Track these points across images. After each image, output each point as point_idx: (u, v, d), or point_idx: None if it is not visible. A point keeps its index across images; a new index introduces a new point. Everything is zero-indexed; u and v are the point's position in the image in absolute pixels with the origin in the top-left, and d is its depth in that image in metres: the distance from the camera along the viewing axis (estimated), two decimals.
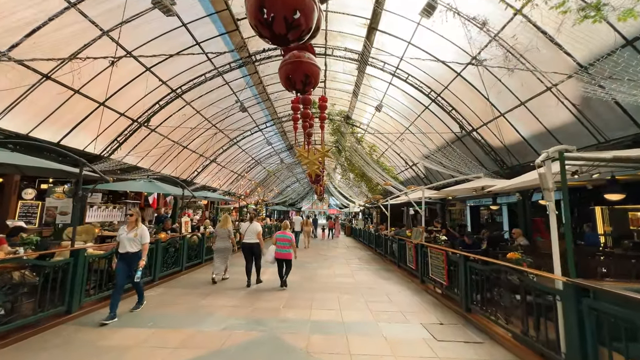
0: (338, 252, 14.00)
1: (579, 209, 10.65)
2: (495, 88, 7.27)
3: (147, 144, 10.62)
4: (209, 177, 16.79)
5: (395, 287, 7.14)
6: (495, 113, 7.99)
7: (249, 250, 6.78)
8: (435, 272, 6.41)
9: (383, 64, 9.33)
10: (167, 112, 10.09)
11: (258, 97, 12.68)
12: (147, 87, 8.56)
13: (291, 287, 6.82)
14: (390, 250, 10.86)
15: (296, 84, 3.51)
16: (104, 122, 8.50)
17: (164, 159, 12.18)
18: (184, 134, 11.79)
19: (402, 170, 16.69)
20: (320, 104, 9.62)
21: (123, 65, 7.62)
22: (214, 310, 5.08)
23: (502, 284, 4.25)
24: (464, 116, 9.07)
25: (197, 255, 9.00)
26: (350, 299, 6.02)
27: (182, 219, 8.32)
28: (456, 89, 8.68)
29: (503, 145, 8.47)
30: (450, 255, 5.91)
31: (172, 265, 7.59)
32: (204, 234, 9.45)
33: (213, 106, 11.61)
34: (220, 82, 10.34)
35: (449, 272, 5.89)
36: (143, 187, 8.37)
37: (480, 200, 16.43)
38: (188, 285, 6.90)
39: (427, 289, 6.88)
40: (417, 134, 11.48)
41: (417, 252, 7.76)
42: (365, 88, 11.93)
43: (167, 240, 7.28)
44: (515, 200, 12.34)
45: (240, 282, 7.10)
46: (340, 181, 27.77)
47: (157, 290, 6.30)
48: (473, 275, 4.96)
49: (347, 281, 7.73)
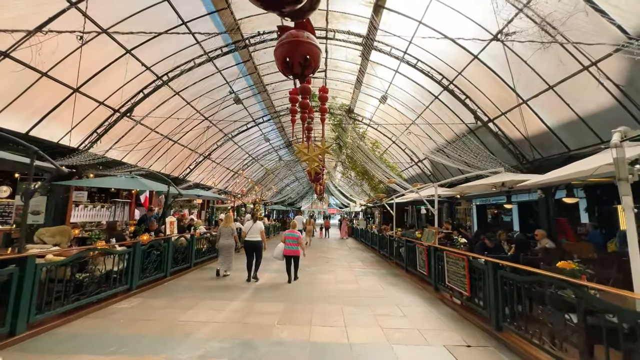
0: (339, 253, 13.16)
1: (600, 208, 9.84)
2: (518, 72, 6.42)
3: (133, 137, 9.77)
4: (203, 174, 15.94)
5: (406, 296, 6.30)
6: (516, 101, 7.15)
7: (252, 247, 7.10)
8: (454, 279, 5.57)
9: (390, 48, 8.48)
10: (154, 102, 9.23)
11: (254, 88, 11.82)
12: (129, 73, 7.70)
13: (288, 296, 5.99)
14: (397, 252, 10.03)
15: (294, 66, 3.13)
16: (81, 111, 7.65)
17: (152, 155, 11.33)
18: (173, 127, 10.93)
19: (406, 167, 15.85)
20: (321, 95, 8.81)
21: (99, 47, 6.78)
22: (193, 330, 4.24)
23: (548, 300, 3.41)
24: (479, 106, 8.22)
25: (185, 259, 8.15)
26: (356, 312, 5.17)
27: (167, 219, 7.47)
28: (471, 75, 7.83)
29: (524, 137, 7.63)
30: (473, 261, 5.08)
31: (155, 271, 6.74)
32: (194, 236, 8.61)
33: (205, 97, 10.75)
34: (212, 69, 9.48)
35: (471, 281, 5.05)
36: (124, 184, 7.52)
37: (488, 199, 15.63)
38: (171, 293, 6.05)
39: (442, 298, 6.04)
40: (426, 125, 10.64)
41: (429, 256, 6.93)
42: (369, 78, 11.09)
43: (149, 243, 6.44)
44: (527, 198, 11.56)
45: (234, 288, 6.28)
46: (341, 180, 26.97)
47: (132, 302, 5.45)
48: (506, 286, 4.13)
49: (351, 288, 6.89)
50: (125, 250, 5.74)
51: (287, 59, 3.33)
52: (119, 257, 5.53)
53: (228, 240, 7.42)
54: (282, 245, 7.04)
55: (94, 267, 5.03)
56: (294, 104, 8.84)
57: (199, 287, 6.67)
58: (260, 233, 7.13)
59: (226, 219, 7.72)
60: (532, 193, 8.41)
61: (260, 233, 7.13)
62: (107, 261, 5.33)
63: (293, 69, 3.30)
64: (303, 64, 3.26)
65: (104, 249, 5.33)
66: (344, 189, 26.85)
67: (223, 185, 18.70)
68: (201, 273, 8.12)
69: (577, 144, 6.63)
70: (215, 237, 10.46)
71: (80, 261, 4.77)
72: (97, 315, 4.71)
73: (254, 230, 7.14)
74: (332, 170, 25.57)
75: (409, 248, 8.50)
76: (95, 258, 5.12)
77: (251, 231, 7.13)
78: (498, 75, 7.06)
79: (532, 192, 8.33)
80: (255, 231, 7.13)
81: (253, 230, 7.14)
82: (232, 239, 7.47)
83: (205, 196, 12.65)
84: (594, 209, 10.18)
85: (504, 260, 4.54)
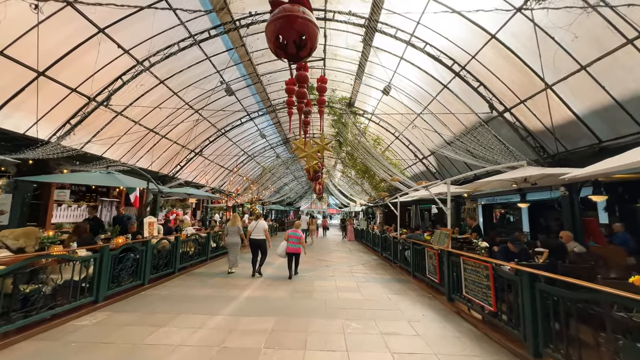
0: (339, 256, 12.33)
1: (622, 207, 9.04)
2: (543, 52, 5.60)
3: (114, 130, 8.94)
4: (195, 172, 15.12)
5: (416, 308, 5.49)
6: (539, 86, 6.34)
7: (256, 245, 7.58)
8: (473, 290, 4.76)
9: (395, 30, 7.66)
10: (136, 92, 8.41)
11: (247, 78, 11.00)
12: (104, 56, 6.89)
13: (282, 308, 5.17)
14: (402, 256, 9.22)
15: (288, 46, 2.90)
16: (50, 98, 6.84)
17: (137, 150, 10.50)
18: (160, 120, 10.10)
19: (409, 165, 15.04)
20: (319, 85, 8.04)
21: (65, 22, 5.95)
22: (157, 357, 3.42)
23: (611, 323, 2.60)
24: (495, 93, 7.41)
25: (168, 264, 7.33)
26: (360, 330, 4.36)
27: (145, 220, 6.64)
28: (487, 59, 7.02)
29: (546, 128, 6.83)
30: (500, 270, 4.26)
31: (129, 279, 5.92)
32: (178, 238, 7.78)
33: (194, 88, 9.93)
34: (200, 55, 8.66)
35: (496, 294, 4.24)
36: (98, 180, 6.70)
37: (495, 198, 14.82)
38: (145, 305, 5.22)
39: (458, 310, 5.24)
40: (433, 119, 9.83)
41: (441, 261, 6.12)
42: (371, 67, 10.28)
43: (121, 247, 5.61)
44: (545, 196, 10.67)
45: (219, 299, 5.46)
46: (341, 179, 26.16)
47: (96, 317, 4.62)
48: (548, 301, 3.32)
49: (353, 298, 6.07)
50: (90, 256, 4.91)
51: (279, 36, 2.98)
52: (81, 265, 4.71)
53: (234, 238, 7.89)
54: (284, 244, 7.45)
55: (47, 277, 4.21)
56: (290, 95, 8.08)
57: (180, 297, 5.86)
58: (264, 232, 7.59)
59: (233, 219, 8.17)
60: (553, 191, 7.61)
61: (264, 232, 7.59)
62: (65, 269, 4.52)
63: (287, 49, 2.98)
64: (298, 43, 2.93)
65: (61, 255, 4.51)
66: (344, 188, 26.07)
67: (217, 184, 17.88)
68: (186, 279, 7.30)
69: (610, 134, 5.82)
70: (204, 238, 9.73)
71: (26, 270, 3.95)
72: (47, 337, 3.89)
73: (259, 229, 7.58)
74: (331, 169, 24.78)
75: (416, 251, 7.70)
76: (49, 266, 4.30)
77: (256, 230, 7.57)
78: (519, 57, 6.25)
79: (553, 189, 7.52)
80: (260, 230, 7.57)
81: (257, 229, 7.57)
82: (238, 237, 7.91)
83: (196, 195, 11.82)
84: (614, 208, 9.38)
85: (538, 269, 3.72)
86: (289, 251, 7.40)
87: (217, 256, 10.57)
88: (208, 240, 9.81)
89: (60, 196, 10.27)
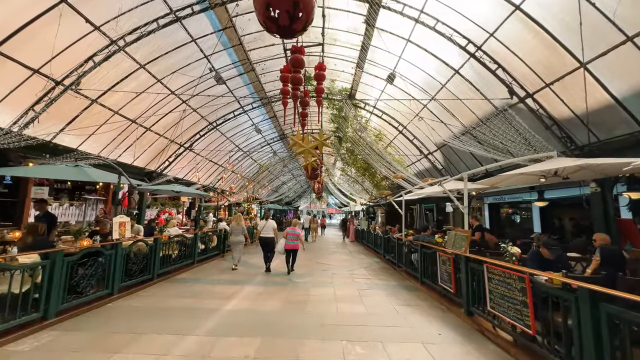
0: (339, 259, 11.47)
1: None
2: (577, 21, 4.75)
3: (91, 120, 8.07)
4: (187, 169, 14.24)
5: (430, 324, 4.63)
6: (569, 65, 5.49)
7: (265, 243, 8.03)
8: (502, 305, 3.91)
9: (403, 6, 6.79)
10: (112, 76, 7.54)
11: (239, 65, 10.12)
12: (70, 32, 6.03)
13: (270, 324, 4.30)
14: (407, 259, 8.37)
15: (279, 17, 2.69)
16: (7, 81, 5.97)
17: (119, 143, 9.62)
18: (144, 110, 9.21)
19: (413, 162, 14.18)
20: (317, 72, 7.23)
21: None
22: None
23: None
24: (515, 77, 6.54)
25: (145, 270, 6.46)
26: (366, 357, 3.50)
27: (114, 219, 5.76)
28: (507, 37, 6.16)
29: (574, 115, 5.97)
30: (540, 284, 3.40)
31: (94, 288, 5.06)
32: (158, 239, 6.92)
33: (180, 75, 9.05)
34: (184, 36, 7.78)
35: (536, 313, 3.38)
36: (62, 174, 5.83)
37: (503, 197, 13.95)
38: (106, 322, 4.35)
39: (481, 328, 4.38)
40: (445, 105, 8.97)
41: (457, 268, 5.26)
42: (375, 53, 9.41)
43: (80, 252, 4.74)
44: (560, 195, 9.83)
45: (200, 312, 4.59)
46: (340, 177, 25.29)
47: (41, 338, 3.75)
48: (618, 329, 2.46)
49: (355, 311, 5.21)
50: (35, 263, 4.04)
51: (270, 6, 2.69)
52: (23, 274, 3.84)
53: (238, 237, 8.31)
54: (283, 241, 7.86)
55: None
56: (285, 84, 7.26)
57: (153, 309, 5.00)
58: (273, 230, 8.04)
59: (237, 219, 8.52)
60: (582, 187, 6.76)
61: (273, 230, 8.04)
62: (1, 280, 3.66)
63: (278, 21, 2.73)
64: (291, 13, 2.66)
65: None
66: (344, 187, 25.21)
67: (212, 182, 17.00)
68: (166, 287, 6.44)
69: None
70: (190, 240, 8.87)
71: None
72: None
73: (268, 228, 8.03)
74: (331, 167, 23.92)
75: (425, 255, 6.84)
76: None
77: (265, 229, 8.01)
78: (547, 31, 5.38)
79: (582, 185, 6.67)
80: (269, 229, 8.01)
81: (267, 228, 8.02)
82: (242, 236, 8.32)
83: (185, 193, 10.93)
84: None
85: (595, 283, 2.85)
86: (288, 248, 7.80)
87: (206, 259, 9.70)
88: (195, 242, 8.94)
89: (38, 193, 9.41)
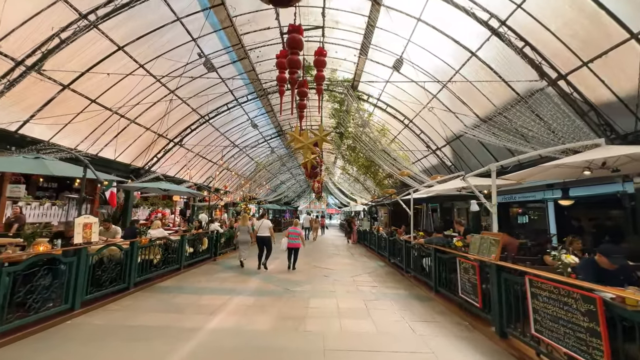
0: (341, 262, 10.60)
1: None
2: None
3: (64, 109, 7.21)
4: (178, 166, 13.38)
5: (457, 349, 3.76)
6: (615, 38, 4.64)
7: (262, 241, 8.37)
8: (554, 330, 3.04)
9: None
10: (86, 59, 6.69)
11: (231, 52, 9.25)
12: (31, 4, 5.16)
13: (257, 350, 3.42)
14: (417, 264, 7.51)
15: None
16: None
17: (98, 136, 8.75)
18: (127, 99, 8.34)
19: (418, 158, 13.34)
20: (317, 58, 6.42)
21: None
22: None
23: None
24: (545, 56, 5.69)
25: (118, 278, 5.58)
26: None
27: (76, 220, 4.89)
28: (537, 8, 5.31)
29: (618, 99, 5.12)
30: (611, 305, 2.55)
31: (46, 303, 4.18)
32: (135, 243, 6.04)
33: (165, 60, 8.19)
34: (167, 14, 6.91)
35: (611, 344, 2.52)
36: (18, 167, 4.97)
37: (513, 196, 13.09)
38: (55, 347, 3.48)
39: (521, 355, 3.52)
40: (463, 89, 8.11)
41: (484, 277, 4.41)
42: (380, 37, 8.57)
43: (27, 261, 3.87)
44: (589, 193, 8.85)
45: (172, 331, 3.72)
46: (341, 176, 24.45)
47: None
48: None
49: (363, 330, 4.34)
50: None
51: None
52: None
53: (245, 236, 8.81)
54: (285, 240, 8.39)
55: None
56: (282, 71, 6.45)
57: (117, 330, 4.12)
58: (269, 230, 8.37)
59: (243, 218, 9.25)
60: (615, 184, 5.91)
61: (269, 230, 8.37)
62: None
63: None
64: None
65: None
66: (344, 187, 24.36)
67: (204, 180, 16.12)
68: (142, 298, 5.57)
69: None
70: (176, 243, 8.02)
71: None
72: None
73: (264, 227, 8.41)
74: (331, 165, 23.07)
75: (441, 261, 5.98)
76: None
77: (261, 228, 8.40)
78: None
79: (616, 182, 5.83)
80: (265, 228, 8.38)
81: (263, 227, 8.41)
82: (248, 235, 8.81)
83: (173, 191, 10.08)
84: None
85: None
86: (290, 246, 8.35)
87: (194, 264, 8.82)
88: (182, 245, 8.06)
89: (14, 192, 8.59)
